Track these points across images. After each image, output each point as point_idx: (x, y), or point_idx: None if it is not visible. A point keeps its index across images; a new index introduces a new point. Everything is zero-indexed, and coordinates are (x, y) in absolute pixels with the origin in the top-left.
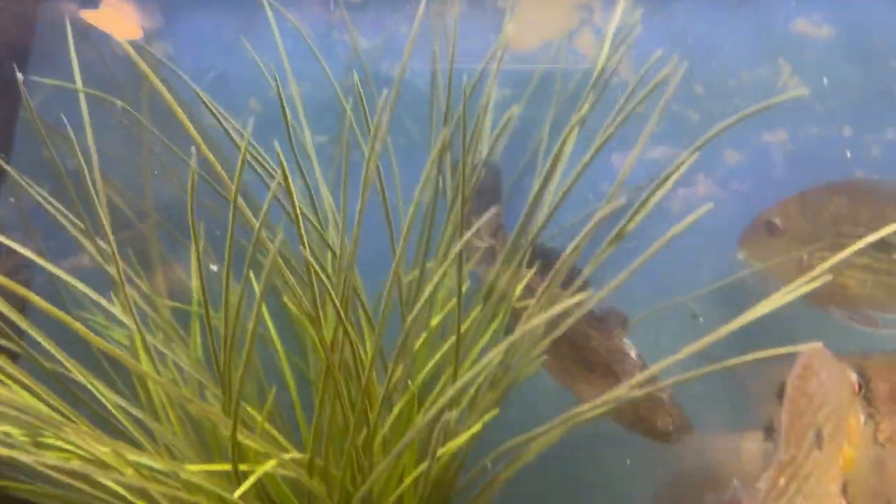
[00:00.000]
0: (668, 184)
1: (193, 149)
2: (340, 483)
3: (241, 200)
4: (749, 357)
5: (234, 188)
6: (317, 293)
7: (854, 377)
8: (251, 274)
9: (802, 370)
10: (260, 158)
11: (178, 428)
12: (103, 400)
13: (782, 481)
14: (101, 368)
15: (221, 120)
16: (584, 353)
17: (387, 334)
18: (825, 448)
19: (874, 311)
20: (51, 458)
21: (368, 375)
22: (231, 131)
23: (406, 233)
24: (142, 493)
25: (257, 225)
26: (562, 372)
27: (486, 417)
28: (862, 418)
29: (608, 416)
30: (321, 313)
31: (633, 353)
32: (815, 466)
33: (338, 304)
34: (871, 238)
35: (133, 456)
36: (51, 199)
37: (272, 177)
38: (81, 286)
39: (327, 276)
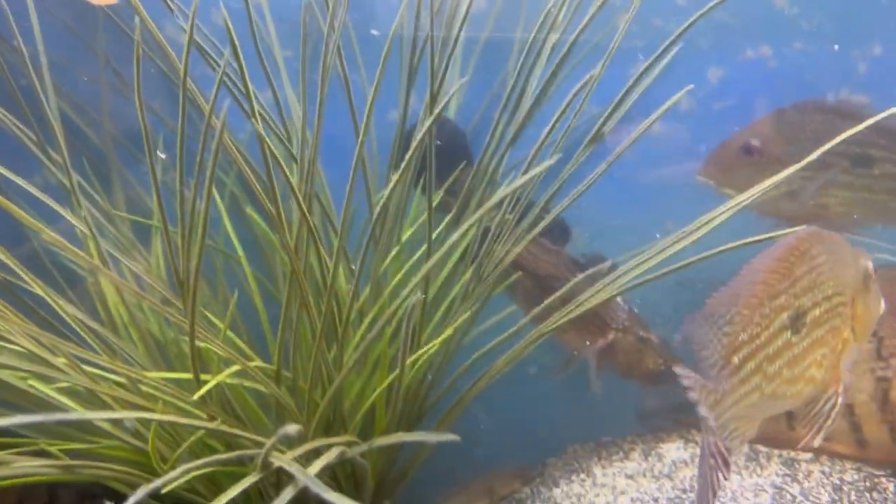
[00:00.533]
0: (643, 86)
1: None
2: (309, 395)
3: (193, 89)
4: (743, 242)
5: (182, 68)
6: (276, 185)
7: (869, 263)
8: (213, 191)
9: (789, 252)
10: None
11: (139, 344)
12: (63, 314)
13: (736, 359)
14: (60, 287)
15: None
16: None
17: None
18: (807, 332)
19: (854, 227)
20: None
21: (333, 277)
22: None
23: (364, 129)
24: (97, 399)
25: (208, 107)
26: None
27: (458, 322)
28: (875, 306)
29: (605, 365)
30: (281, 209)
31: (620, 301)
32: (785, 348)
33: (300, 198)
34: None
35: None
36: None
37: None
38: (40, 195)
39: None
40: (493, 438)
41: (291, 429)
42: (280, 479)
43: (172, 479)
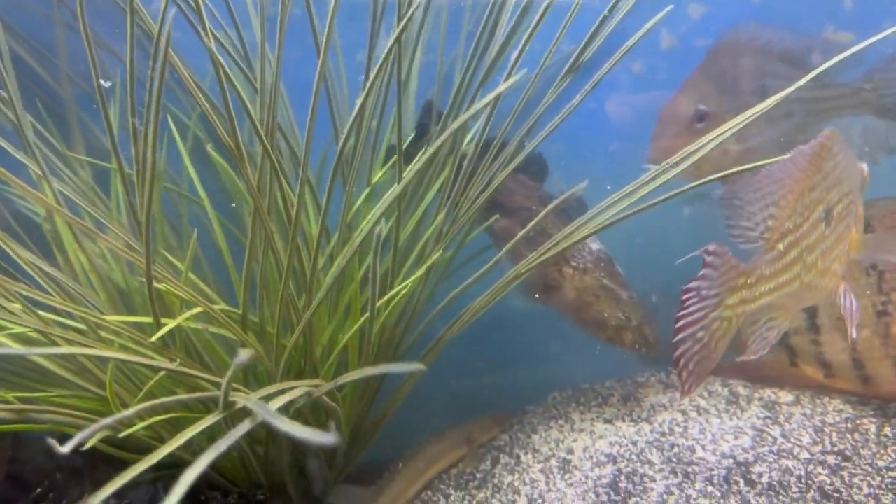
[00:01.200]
0: (622, 13)
1: None
2: (277, 339)
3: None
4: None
5: None
6: (233, 113)
7: (864, 167)
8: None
9: (820, 148)
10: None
11: (101, 292)
12: (17, 259)
13: (781, 246)
14: (14, 233)
15: None
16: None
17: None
18: (834, 226)
19: None
20: None
21: (297, 213)
22: None
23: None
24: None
25: (156, 28)
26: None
27: (430, 261)
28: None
29: (592, 335)
30: (241, 141)
31: (594, 246)
32: (820, 240)
33: (258, 126)
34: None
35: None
36: None
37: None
38: None
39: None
40: (472, 387)
41: (244, 354)
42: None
43: (127, 417)
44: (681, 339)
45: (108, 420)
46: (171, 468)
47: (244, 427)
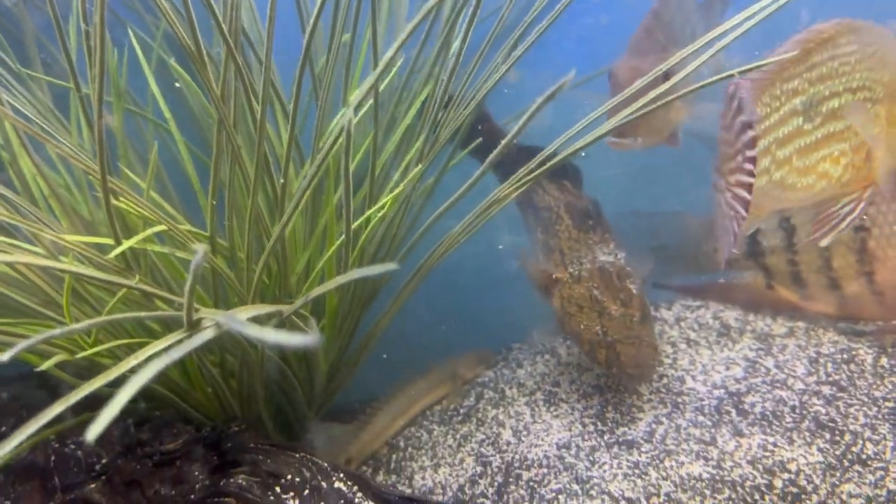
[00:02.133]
0: None
1: None
2: (248, 263)
3: None
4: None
5: None
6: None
7: None
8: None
9: (807, 36)
10: None
11: (63, 219)
12: None
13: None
14: None
15: None
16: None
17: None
18: (821, 123)
19: None
20: None
21: (262, 121)
22: None
23: None
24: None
25: None
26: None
27: (411, 176)
28: None
29: (587, 359)
30: (202, 44)
31: (601, 256)
32: (796, 136)
33: (220, 23)
34: None
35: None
36: None
37: None
38: None
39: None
40: (457, 325)
41: (200, 249)
42: (223, 357)
43: (78, 332)
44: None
45: (57, 332)
46: (140, 402)
47: (208, 334)
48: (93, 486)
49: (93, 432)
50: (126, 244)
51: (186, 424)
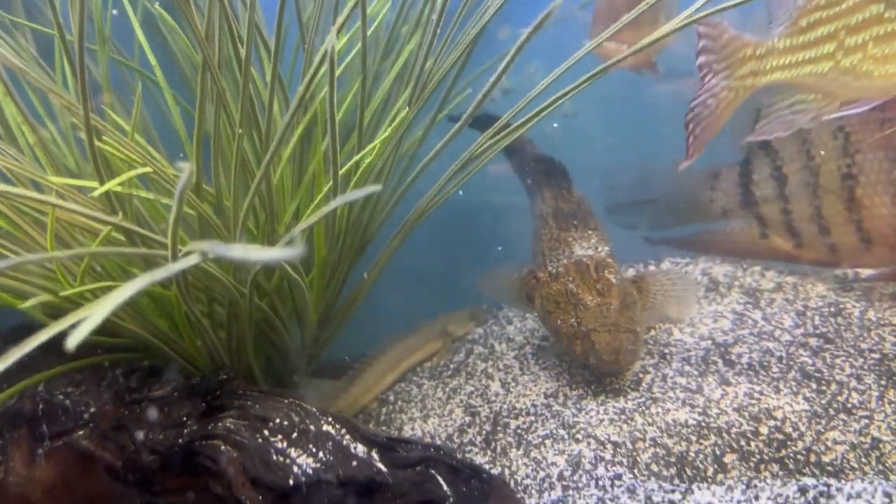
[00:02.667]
0: None
1: None
2: (234, 212)
3: None
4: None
5: None
6: None
7: None
8: None
9: None
10: None
11: (48, 167)
12: None
13: (804, 22)
14: None
15: None
16: None
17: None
18: None
19: None
20: None
21: (246, 63)
22: None
23: None
24: None
25: None
26: None
27: (400, 118)
28: None
29: (568, 355)
30: None
31: (578, 250)
32: (874, 23)
33: None
34: None
35: None
36: None
37: None
38: None
39: None
40: (448, 283)
41: (184, 167)
42: (212, 308)
43: (58, 257)
44: (693, 105)
45: (34, 256)
46: (129, 351)
47: (192, 259)
48: (81, 432)
49: (73, 341)
50: (110, 184)
51: (175, 374)
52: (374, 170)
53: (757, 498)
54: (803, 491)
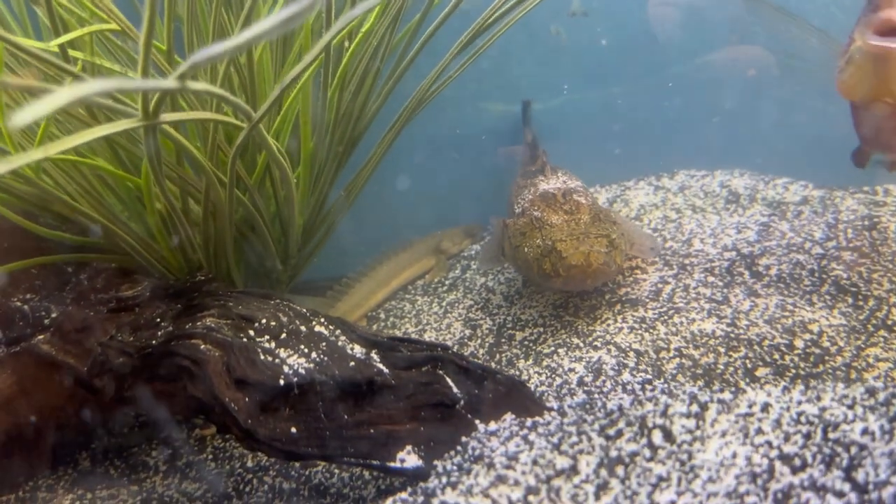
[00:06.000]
0: None
1: None
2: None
3: None
4: None
5: None
6: None
7: None
8: None
9: None
10: None
11: None
12: None
13: None
14: None
15: None
16: None
17: None
18: None
19: None
20: None
21: None
22: None
23: None
24: None
25: None
26: None
27: None
28: None
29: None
30: None
31: (543, 185)
32: None
33: None
34: None
35: None
36: None
37: None
38: None
39: None
40: (443, 200)
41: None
42: (186, 204)
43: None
44: None
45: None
46: (94, 252)
47: (171, 83)
48: (41, 337)
49: (18, 120)
50: (65, 37)
51: (148, 276)
52: (368, 48)
53: (819, 398)
54: (872, 393)
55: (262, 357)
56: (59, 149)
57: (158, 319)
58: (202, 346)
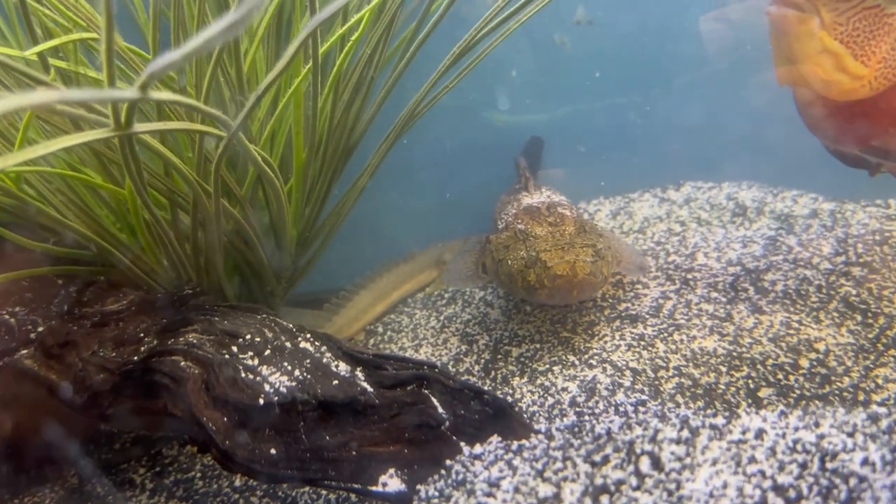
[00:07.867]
0: None
1: None
2: (196, 93)
3: None
4: None
5: None
6: None
7: None
8: None
9: None
10: None
11: None
12: None
13: None
14: None
15: None
16: None
17: None
18: None
19: None
20: None
21: None
22: None
23: None
24: None
25: None
26: None
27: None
28: None
29: (525, 296)
30: None
31: (526, 200)
32: None
33: None
34: None
35: None
36: None
37: None
38: None
39: None
40: (442, 213)
41: None
42: (175, 214)
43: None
44: None
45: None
46: (84, 265)
47: (130, 94)
48: (24, 351)
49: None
50: (44, 45)
51: (137, 289)
52: (362, 57)
53: (818, 424)
54: (874, 419)
55: (244, 375)
56: (15, 161)
57: (142, 334)
58: (182, 363)
